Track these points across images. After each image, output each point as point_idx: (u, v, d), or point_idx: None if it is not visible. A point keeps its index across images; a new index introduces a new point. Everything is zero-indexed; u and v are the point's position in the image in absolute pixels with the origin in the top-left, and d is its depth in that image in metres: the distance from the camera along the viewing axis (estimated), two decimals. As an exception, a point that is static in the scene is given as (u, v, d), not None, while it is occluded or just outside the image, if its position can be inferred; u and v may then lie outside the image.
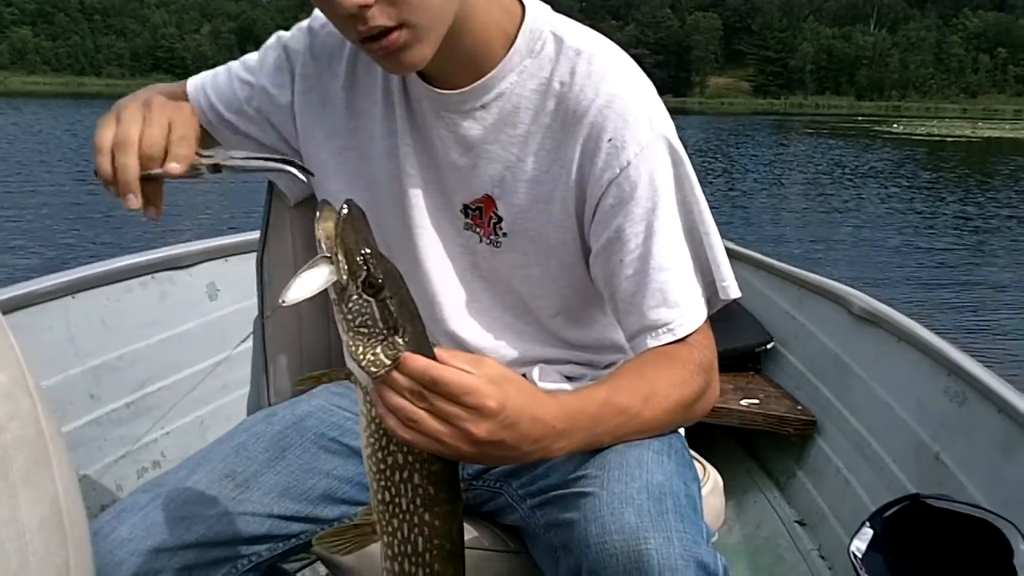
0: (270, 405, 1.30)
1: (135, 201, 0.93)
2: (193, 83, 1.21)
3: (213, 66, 1.24)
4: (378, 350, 0.77)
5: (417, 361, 0.76)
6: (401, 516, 0.84)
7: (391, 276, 0.79)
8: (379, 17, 0.90)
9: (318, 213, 0.80)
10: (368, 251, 0.77)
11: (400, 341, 0.77)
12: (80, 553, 0.63)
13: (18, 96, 59.68)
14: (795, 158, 26.06)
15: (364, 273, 0.77)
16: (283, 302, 0.76)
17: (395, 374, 0.77)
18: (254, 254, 1.34)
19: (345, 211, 0.78)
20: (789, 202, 14.69)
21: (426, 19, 0.92)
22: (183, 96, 1.18)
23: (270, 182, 1.31)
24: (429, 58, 0.96)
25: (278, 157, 1.05)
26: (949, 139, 39.95)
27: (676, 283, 1.02)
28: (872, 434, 2.15)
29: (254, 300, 1.36)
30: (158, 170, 0.94)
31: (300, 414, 1.15)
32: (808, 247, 10.25)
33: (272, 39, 1.18)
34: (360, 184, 1.14)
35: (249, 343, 1.44)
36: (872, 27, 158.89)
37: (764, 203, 14.35)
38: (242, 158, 1.00)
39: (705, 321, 1.05)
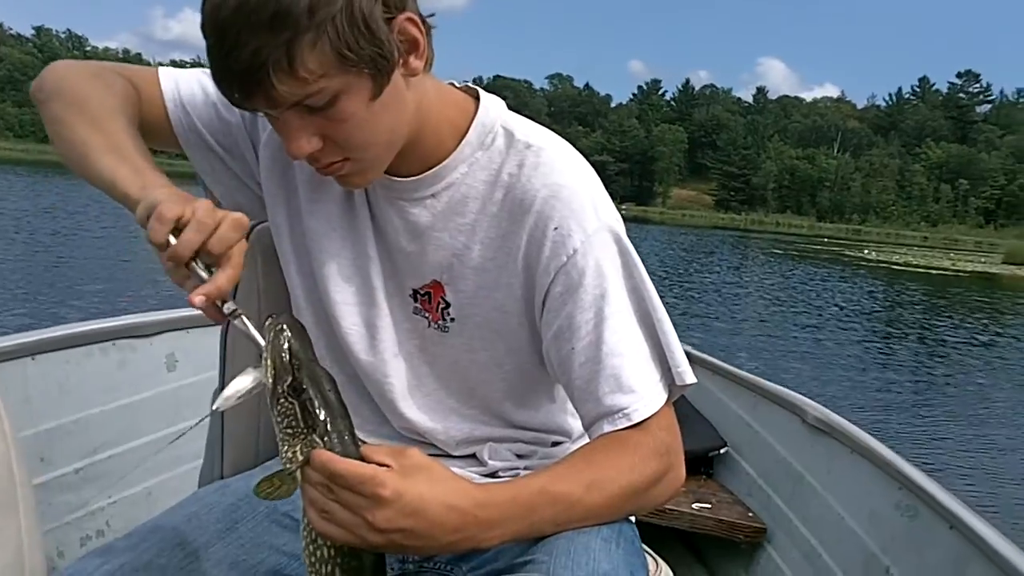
0: (223, 478, 1.29)
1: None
2: (168, 87, 1.14)
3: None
4: (297, 448, 0.83)
5: (321, 456, 0.82)
6: None
7: (315, 380, 0.84)
8: (327, 157, 0.95)
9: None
10: (297, 360, 0.84)
11: (317, 439, 0.83)
12: (35, 605, 0.59)
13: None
14: (767, 290, 21.07)
15: (289, 378, 0.83)
16: (216, 408, 0.84)
17: (308, 469, 0.83)
18: (215, 327, 1.35)
19: (280, 325, 0.85)
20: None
21: (372, 154, 0.98)
22: (151, 83, 1.14)
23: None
24: (375, 179, 1.03)
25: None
26: (933, 271, 35.54)
27: (630, 368, 1.01)
28: (823, 545, 2.15)
29: (212, 373, 1.34)
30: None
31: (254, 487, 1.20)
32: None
33: None
34: (305, 268, 1.16)
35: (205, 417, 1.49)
36: (835, 151, 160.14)
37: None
38: (246, 324, 0.92)
39: (666, 406, 1.03)
